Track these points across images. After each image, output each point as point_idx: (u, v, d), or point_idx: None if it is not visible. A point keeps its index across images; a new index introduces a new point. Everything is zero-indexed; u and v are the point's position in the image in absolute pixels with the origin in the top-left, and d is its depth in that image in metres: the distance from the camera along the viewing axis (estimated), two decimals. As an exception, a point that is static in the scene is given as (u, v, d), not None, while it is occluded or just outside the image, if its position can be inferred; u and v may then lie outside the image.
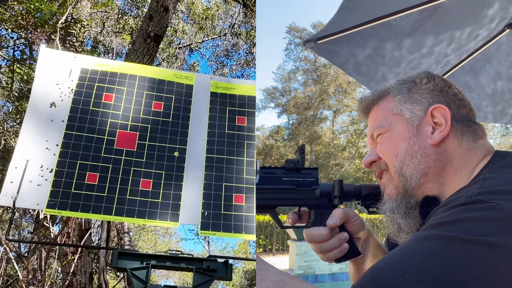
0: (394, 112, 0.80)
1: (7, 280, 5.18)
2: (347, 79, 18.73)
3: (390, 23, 1.56)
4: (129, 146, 1.55)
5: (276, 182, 0.87)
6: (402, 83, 0.82)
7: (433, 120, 0.76)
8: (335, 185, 0.89)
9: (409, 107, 0.78)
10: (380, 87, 0.86)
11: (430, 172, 0.74)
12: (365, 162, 0.85)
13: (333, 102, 20.04)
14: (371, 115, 0.86)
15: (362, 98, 0.88)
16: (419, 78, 0.81)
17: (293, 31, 20.09)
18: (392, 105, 0.81)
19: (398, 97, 0.81)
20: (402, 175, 0.76)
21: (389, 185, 0.81)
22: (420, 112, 0.77)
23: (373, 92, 0.87)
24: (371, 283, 0.53)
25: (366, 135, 3.52)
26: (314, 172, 0.89)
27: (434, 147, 0.74)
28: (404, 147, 0.76)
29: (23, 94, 4.49)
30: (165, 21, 3.95)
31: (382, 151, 0.80)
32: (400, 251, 0.57)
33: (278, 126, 20.97)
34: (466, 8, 1.58)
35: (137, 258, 1.38)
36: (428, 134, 0.75)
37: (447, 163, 0.74)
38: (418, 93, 0.79)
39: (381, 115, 0.82)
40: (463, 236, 0.53)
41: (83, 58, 1.70)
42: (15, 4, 4.43)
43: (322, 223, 0.87)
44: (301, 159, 0.89)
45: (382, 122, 0.81)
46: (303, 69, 20.19)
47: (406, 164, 0.75)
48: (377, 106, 0.85)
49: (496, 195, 0.57)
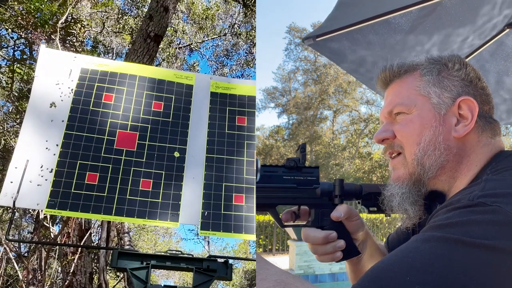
0: (421, 93, 0.76)
1: (7, 280, 5.18)
2: (347, 79, 18.73)
3: (389, 21, 1.56)
4: (129, 146, 1.55)
5: (277, 181, 0.87)
6: (433, 63, 0.78)
7: (458, 111, 0.73)
8: (336, 184, 0.88)
9: (437, 92, 0.75)
10: (408, 61, 0.81)
11: (448, 166, 0.72)
12: (378, 137, 0.81)
13: (333, 102, 20.03)
14: (393, 88, 0.82)
15: (387, 67, 0.82)
16: (451, 62, 0.77)
17: (293, 31, 20.09)
18: (419, 84, 0.77)
19: (427, 78, 0.76)
20: (421, 164, 0.73)
21: (400, 168, 0.78)
22: (448, 100, 0.74)
23: (399, 64, 0.81)
24: (372, 283, 0.53)
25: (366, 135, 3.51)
26: (315, 171, 0.89)
27: (456, 141, 0.72)
28: (429, 136, 0.73)
29: (23, 94, 4.49)
30: (165, 21, 3.95)
31: (402, 134, 0.77)
32: (401, 252, 0.56)
33: (278, 126, 20.97)
34: (465, 7, 1.58)
35: (137, 258, 1.38)
36: (452, 126, 0.72)
37: (464, 158, 0.72)
38: (449, 78, 0.76)
39: (406, 92, 0.78)
40: (464, 238, 0.52)
41: (83, 58, 1.70)
42: (15, 4, 4.43)
43: (322, 222, 0.87)
44: (302, 157, 0.88)
45: (406, 100, 0.77)
46: (303, 69, 20.19)
47: (427, 155, 0.72)
48: (401, 80, 0.80)
49: (498, 198, 0.56)
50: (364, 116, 19.66)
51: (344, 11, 1.49)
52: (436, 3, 1.52)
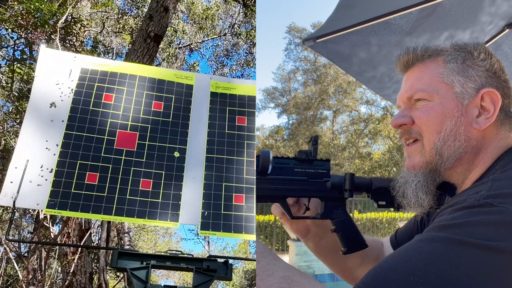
0: (444, 81, 0.74)
1: (7, 280, 5.17)
2: (347, 79, 18.72)
3: (390, 22, 1.56)
4: (129, 146, 1.55)
5: (288, 173, 0.86)
6: (458, 50, 0.76)
7: (481, 103, 0.72)
8: (347, 178, 0.88)
9: (461, 81, 0.73)
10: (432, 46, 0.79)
11: (465, 157, 0.72)
12: (396, 122, 0.79)
13: (333, 102, 20.02)
14: (414, 72, 0.79)
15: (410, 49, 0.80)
16: (477, 51, 0.75)
17: (293, 31, 20.08)
18: (442, 71, 0.75)
19: (451, 65, 0.74)
20: (440, 154, 0.72)
21: (417, 156, 0.76)
22: (471, 90, 0.72)
23: (423, 47, 0.79)
24: (375, 282, 0.53)
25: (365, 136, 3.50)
26: (326, 164, 0.89)
27: (476, 133, 0.71)
28: (450, 126, 0.71)
29: (23, 94, 4.48)
30: (165, 21, 3.95)
31: (422, 121, 0.75)
32: (405, 252, 0.56)
33: (278, 126, 20.95)
34: (465, 7, 1.58)
35: (137, 258, 1.38)
36: (473, 117, 0.71)
37: (481, 151, 0.71)
38: (473, 68, 0.74)
39: (428, 77, 0.76)
40: (469, 240, 0.52)
41: (83, 58, 1.70)
42: (15, 4, 4.42)
43: (331, 215, 0.87)
44: (314, 150, 0.88)
45: (428, 87, 0.75)
46: (303, 69, 20.18)
47: (447, 145, 0.71)
48: (423, 64, 0.78)
49: (504, 198, 0.55)
50: (364, 116, 19.66)
51: (344, 12, 1.50)
52: (436, 4, 1.52)
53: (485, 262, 0.50)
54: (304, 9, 32.73)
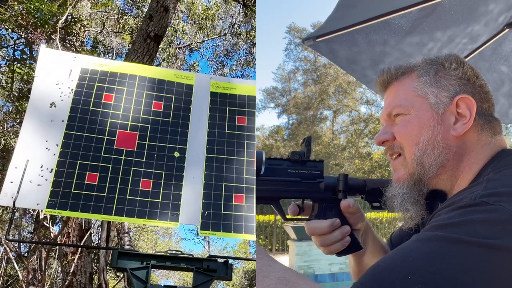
0: (418, 94, 0.76)
1: (7, 280, 5.18)
2: (347, 79, 18.72)
3: (389, 21, 1.57)
4: (129, 146, 1.55)
5: (281, 174, 0.86)
6: (430, 64, 0.78)
7: (457, 110, 0.73)
8: (340, 179, 0.88)
9: (434, 92, 0.75)
10: (405, 63, 0.82)
11: (448, 164, 0.72)
12: (378, 139, 0.82)
13: (333, 102, 20.03)
14: (391, 90, 0.82)
15: (384, 70, 0.84)
16: (448, 62, 0.78)
17: (293, 31, 20.08)
18: (416, 85, 0.77)
19: (424, 78, 0.77)
20: (421, 164, 0.74)
21: (401, 169, 0.78)
22: (445, 99, 0.74)
23: (397, 66, 0.82)
24: (373, 282, 0.53)
25: (365, 136, 3.51)
26: (319, 165, 0.89)
27: (455, 139, 0.72)
28: (427, 136, 0.73)
29: (23, 94, 4.48)
30: (165, 21, 3.95)
31: (401, 135, 0.77)
32: (402, 251, 0.56)
33: (278, 126, 20.96)
34: (464, 7, 1.59)
35: (137, 258, 1.38)
36: (450, 125, 0.73)
37: (464, 157, 0.72)
38: (446, 78, 0.76)
39: (403, 93, 0.79)
40: (466, 238, 0.52)
41: (83, 58, 1.70)
42: (15, 4, 4.42)
43: (325, 216, 0.87)
44: (307, 151, 0.88)
45: (404, 101, 0.77)
46: (303, 69, 20.19)
47: (426, 154, 0.73)
48: (398, 82, 0.81)
49: (500, 197, 0.56)
50: (364, 116, 19.67)
51: (344, 12, 1.50)
52: (436, 3, 1.52)
53: (482, 260, 0.50)
54: (304, 9, 32.75)
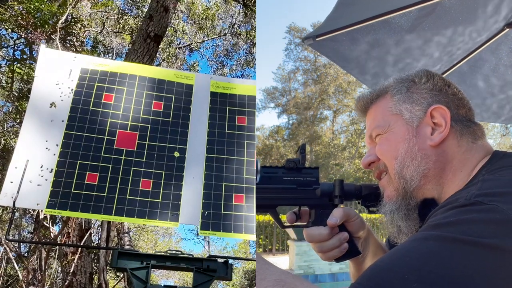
0: (393, 112, 0.79)
1: (7, 280, 5.18)
2: (347, 79, 18.73)
3: (389, 20, 1.57)
4: (129, 146, 1.55)
5: (277, 182, 0.87)
6: (401, 82, 0.81)
7: (432, 120, 0.75)
8: (336, 184, 0.89)
9: (408, 107, 0.77)
10: (379, 86, 0.85)
11: (430, 173, 0.74)
12: (364, 162, 0.84)
13: (333, 102, 20.04)
14: (369, 114, 0.85)
15: (360, 97, 0.87)
16: (418, 77, 0.80)
17: (293, 31, 20.09)
18: (390, 104, 0.80)
19: (397, 97, 0.80)
20: (402, 177, 0.75)
21: (388, 187, 0.80)
22: (419, 112, 0.76)
23: (371, 91, 0.86)
24: (370, 282, 0.53)
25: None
26: (315, 172, 0.89)
27: (434, 148, 0.74)
28: (404, 149, 0.75)
29: (23, 94, 4.48)
30: (165, 21, 3.95)
31: (381, 152, 0.80)
32: (399, 251, 0.57)
33: (278, 126, 20.98)
34: (464, 7, 1.59)
35: (137, 258, 1.38)
36: (427, 135, 0.75)
37: (447, 164, 0.73)
38: (417, 92, 0.78)
39: (380, 115, 0.82)
40: (462, 237, 0.53)
41: (83, 58, 1.70)
42: (15, 4, 4.42)
43: (322, 222, 0.87)
44: (302, 158, 0.88)
45: (381, 122, 0.80)
46: (303, 69, 20.20)
47: (406, 166, 0.75)
48: (375, 105, 0.84)
49: (494, 197, 0.57)
50: (364, 116, 19.63)
51: (344, 11, 1.50)
52: (436, 3, 1.52)
53: (478, 258, 0.51)
54: (304, 9, 32.76)
